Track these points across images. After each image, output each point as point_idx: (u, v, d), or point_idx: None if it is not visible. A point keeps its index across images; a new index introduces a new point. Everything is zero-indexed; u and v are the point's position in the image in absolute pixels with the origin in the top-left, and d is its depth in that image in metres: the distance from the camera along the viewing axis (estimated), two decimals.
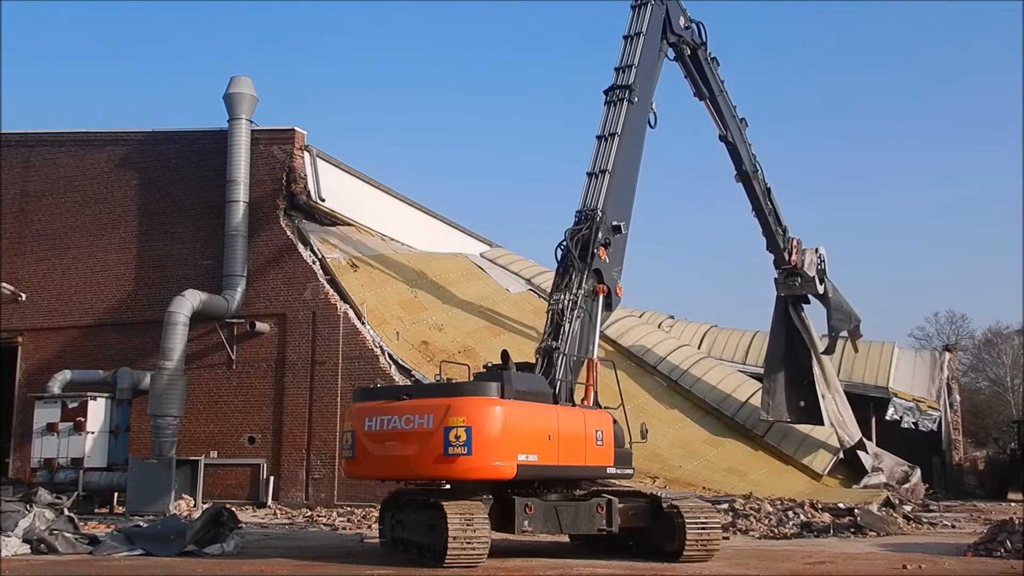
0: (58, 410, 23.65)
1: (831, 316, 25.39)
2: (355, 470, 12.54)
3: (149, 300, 25.59)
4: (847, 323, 25.72)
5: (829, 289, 25.20)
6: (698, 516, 11.97)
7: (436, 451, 11.16)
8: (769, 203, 23.63)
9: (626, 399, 14.08)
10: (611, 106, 17.09)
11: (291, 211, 25.08)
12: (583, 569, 11.31)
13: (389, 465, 11.79)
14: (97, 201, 27.07)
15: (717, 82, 21.86)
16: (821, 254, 24.96)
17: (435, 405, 11.41)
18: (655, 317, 35.86)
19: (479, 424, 11.13)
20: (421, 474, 11.72)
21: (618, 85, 17.31)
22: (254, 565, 11.88)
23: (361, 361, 23.11)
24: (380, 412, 11.87)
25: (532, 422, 11.69)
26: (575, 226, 15.17)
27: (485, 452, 11.10)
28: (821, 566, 11.86)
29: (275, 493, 23.41)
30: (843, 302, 25.64)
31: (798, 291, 24.98)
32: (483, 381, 11.84)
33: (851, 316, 25.80)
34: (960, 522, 19.51)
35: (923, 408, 32.11)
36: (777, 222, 24.05)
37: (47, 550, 13.10)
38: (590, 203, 15.55)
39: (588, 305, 14.38)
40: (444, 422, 11.16)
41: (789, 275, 24.80)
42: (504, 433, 11.23)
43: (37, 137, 28.51)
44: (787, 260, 24.40)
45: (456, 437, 11.07)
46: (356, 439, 12.04)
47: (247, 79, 25.30)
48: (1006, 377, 57.03)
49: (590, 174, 16.12)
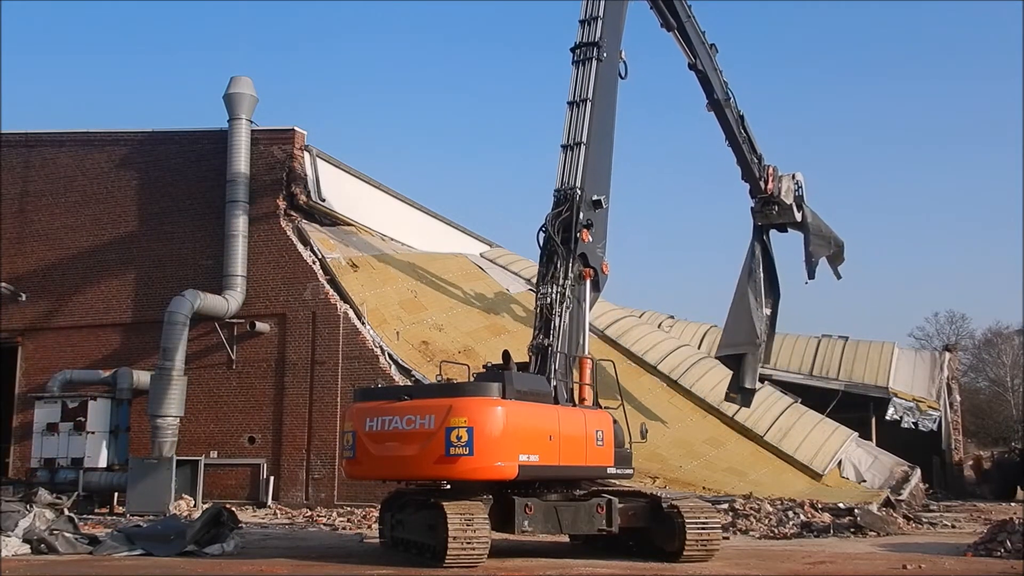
0: (58, 410, 23.68)
1: (810, 242, 24.34)
2: (356, 470, 12.46)
3: (149, 300, 25.58)
4: (827, 248, 24.61)
5: (808, 215, 24.23)
6: (698, 516, 11.94)
7: (437, 451, 11.13)
8: (743, 131, 22.76)
9: (626, 399, 14.07)
10: (579, 66, 16.17)
11: (291, 211, 25.06)
12: (583, 569, 11.31)
13: (390, 465, 11.74)
14: (97, 201, 27.05)
15: (684, 7, 20.92)
16: (799, 180, 24.04)
17: (436, 405, 11.36)
18: (655, 317, 35.93)
19: (480, 424, 11.09)
20: (422, 474, 11.68)
21: (585, 42, 16.27)
22: (254, 565, 11.87)
23: (361, 361, 23.10)
24: (381, 412, 11.81)
25: (533, 422, 11.66)
26: (555, 208, 14.57)
27: (487, 452, 11.07)
28: (821, 566, 11.85)
29: (275, 493, 23.40)
30: (823, 226, 24.59)
31: (775, 220, 24.13)
32: (484, 381, 11.80)
33: (831, 240, 24.68)
34: (960, 522, 19.51)
35: (923, 408, 32.16)
36: (752, 150, 23.17)
37: (47, 550, 13.09)
38: (568, 181, 14.79)
39: (576, 293, 13.98)
40: (445, 422, 11.12)
41: (766, 203, 23.94)
42: (505, 433, 11.21)
43: (37, 137, 28.48)
44: (763, 189, 23.57)
45: (457, 438, 11.03)
46: (357, 439, 11.99)
47: (247, 79, 25.29)
48: (1006, 377, 57.11)
49: (565, 147, 15.27)
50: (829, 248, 24.67)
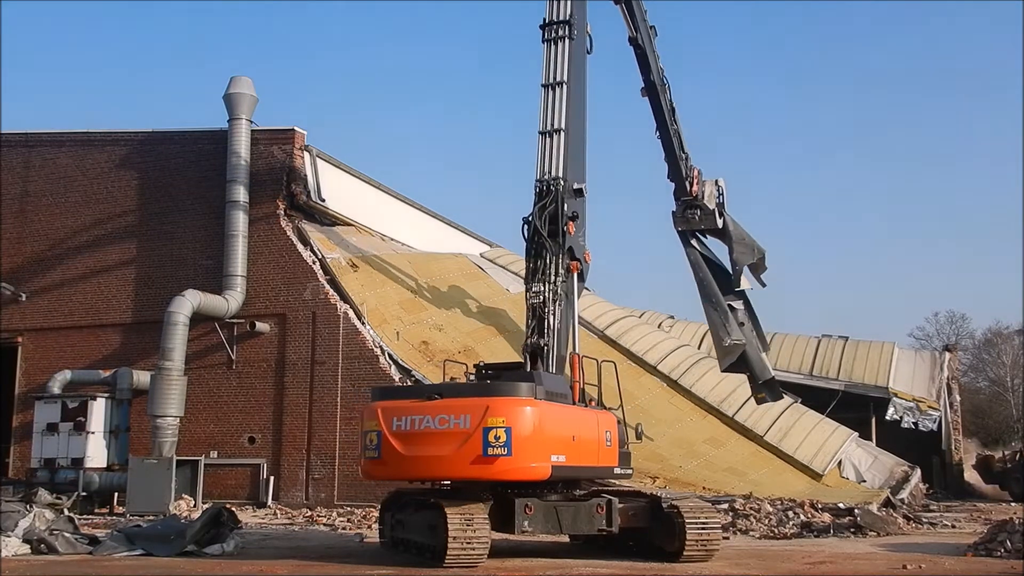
0: (58, 410, 23.71)
1: (733, 250, 23.94)
2: (381, 471, 11.95)
3: (149, 300, 25.58)
4: (750, 256, 24.17)
5: (729, 223, 23.89)
6: (698, 516, 11.94)
7: (474, 452, 10.97)
8: (674, 123, 22.35)
9: (626, 399, 14.07)
10: (550, 45, 15.71)
11: (291, 211, 25.08)
12: (583, 569, 11.31)
13: (421, 466, 11.43)
14: (97, 201, 27.06)
15: None
16: (721, 186, 23.64)
17: (472, 405, 11.18)
18: (655, 317, 35.94)
19: (518, 425, 10.99)
20: (457, 475, 11.44)
21: (557, 20, 15.82)
22: (254, 565, 11.87)
23: (361, 361, 23.11)
24: (410, 412, 11.51)
25: (561, 423, 11.65)
26: (540, 200, 14.17)
27: (524, 453, 10.98)
28: (821, 566, 11.85)
29: (275, 493, 23.41)
30: (745, 235, 24.25)
31: (696, 225, 23.64)
32: (515, 381, 11.69)
33: (754, 248, 24.34)
34: (960, 522, 19.51)
35: (923, 408, 32.17)
36: (680, 146, 22.67)
37: (47, 550, 13.10)
38: (550, 171, 14.42)
39: (566, 289, 13.83)
40: (483, 422, 10.98)
41: (688, 207, 23.46)
42: (540, 434, 11.16)
43: (37, 137, 28.49)
44: (688, 191, 23.02)
45: (495, 438, 10.91)
46: (383, 439, 11.59)
47: (247, 79, 25.30)
48: (1006, 377, 57.13)
49: (543, 133, 14.84)
50: (752, 256, 24.26)
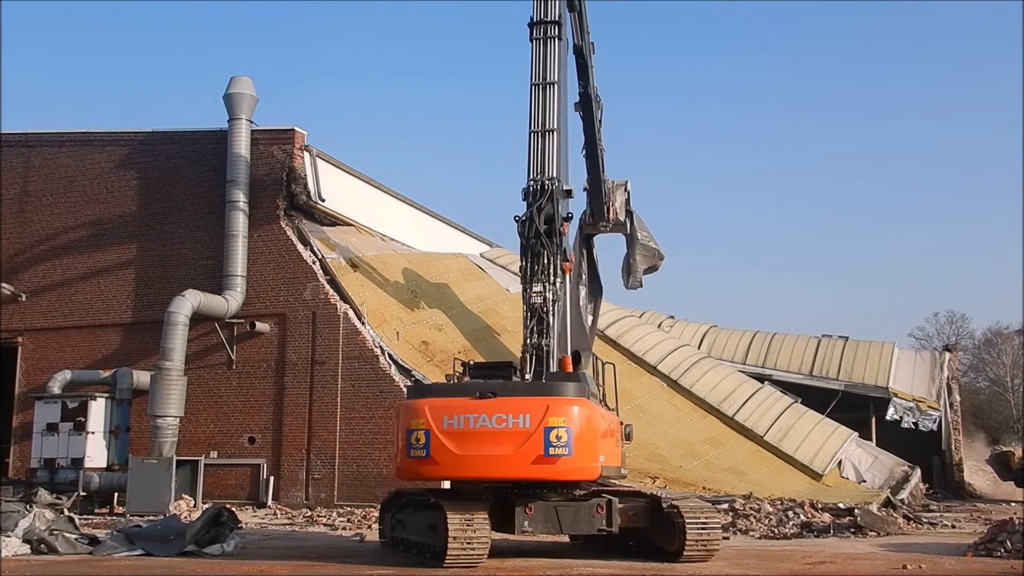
0: (58, 410, 23.73)
1: (634, 253, 23.27)
2: (430, 471, 11.68)
3: (149, 300, 25.59)
4: (651, 259, 23.55)
5: (637, 226, 23.14)
6: (698, 516, 11.94)
7: (535, 452, 11.00)
8: (601, 143, 21.50)
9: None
10: (539, 44, 15.57)
11: (291, 211, 25.08)
12: (583, 569, 11.32)
13: (476, 465, 11.29)
14: (97, 201, 27.06)
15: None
16: (628, 190, 22.83)
17: (531, 404, 11.20)
18: (655, 317, 35.91)
19: (577, 425, 11.12)
20: (516, 475, 11.35)
21: (547, 20, 15.71)
22: (254, 565, 11.88)
23: (361, 361, 23.12)
24: (463, 410, 11.35)
25: (603, 423, 11.89)
26: (534, 200, 14.13)
27: (582, 452, 11.12)
28: (821, 566, 11.86)
29: (275, 493, 23.41)
30: (650, 237, 23.57)
31: (603, 232, 22.90)
32: (563, 381, 11.85)
33: (655, 253, 23.69)
34: (960, 522, 19.52)
35: (923, 408, 32.15)
36: (603, 167, 21.77)
37: (47, 550, 13.11)
38: (547, 171, 14.39)
39: (562, 288, 13.97)
40: (543, 422, 11.02)
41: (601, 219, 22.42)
42: (594, 434, 11.37)
43: (37, 137, 28.49)
44: (605, 216, 22.15)
45: (557, 437, 10.97)
46: (432, 438, 11.37)
47: (247, 79, 25.30)
48: (1006, 377, 57.14)
49: (535, 133, 14.71)
50: (653, 260, 23.75)
